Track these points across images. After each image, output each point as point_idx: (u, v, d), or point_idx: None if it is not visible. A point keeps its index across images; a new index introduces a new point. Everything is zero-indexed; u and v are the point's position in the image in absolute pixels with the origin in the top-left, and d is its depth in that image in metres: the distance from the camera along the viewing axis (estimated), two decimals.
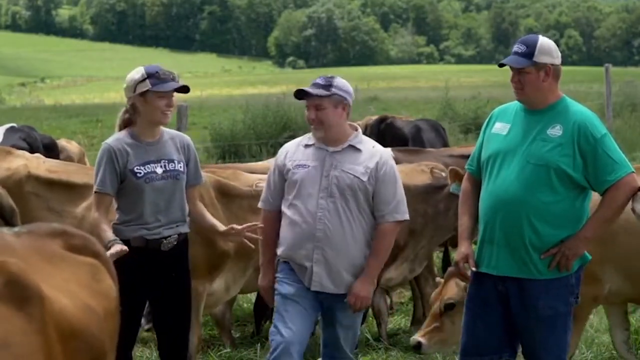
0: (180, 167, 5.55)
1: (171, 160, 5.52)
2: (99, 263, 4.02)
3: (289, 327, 5.27)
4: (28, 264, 3.50)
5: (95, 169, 5.53)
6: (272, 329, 5.36)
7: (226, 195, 6.65)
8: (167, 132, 5.66)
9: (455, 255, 5.44)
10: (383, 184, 5.42)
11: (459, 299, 6.15)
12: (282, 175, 5.46)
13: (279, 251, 5.47)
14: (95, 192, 5.51)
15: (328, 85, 5.38)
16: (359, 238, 5.41)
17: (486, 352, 5.27)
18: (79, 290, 3.72)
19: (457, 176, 7.44)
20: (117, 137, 5.53)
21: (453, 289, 6.24)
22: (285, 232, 5.43)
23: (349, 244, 5.38)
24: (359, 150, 5.46)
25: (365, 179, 5.38)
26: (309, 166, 5.40)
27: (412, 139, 12.95)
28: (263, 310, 8.08)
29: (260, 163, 10.20)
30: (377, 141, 5.68)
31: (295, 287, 5.38)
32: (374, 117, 14.72)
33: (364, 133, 5.80)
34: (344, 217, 5.36)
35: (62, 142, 11.84)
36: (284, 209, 5.45)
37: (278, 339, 5.26)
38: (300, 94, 5.42)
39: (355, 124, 5.59)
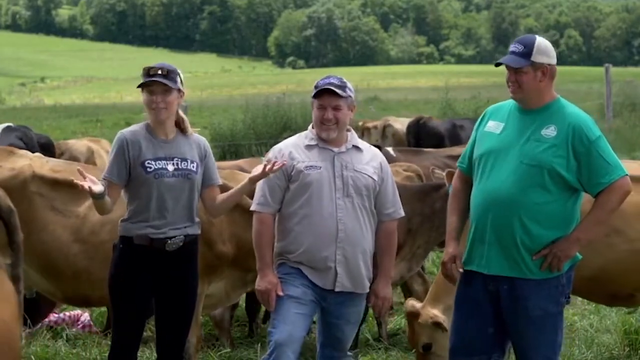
0: (193, 167, 5.50)
1: (184, 159, 5.49)
2: None
3: (288, 328, 5.27)
4: None
5: (108, 158, 5.57)
6: (271, 328, 5.35)
7: None
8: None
9: (443, 255, 5.43)
10: (387, 183, 5.52)
11: (431, 335, 6.31)
12: (286, 177, 5.41)
13: (291, 255, 5.41)
14: (102, 178, 5.45)
15: (343, 87, 5.41)
16: (370, 236, 5.48)
17: (475, 352, 5.26)
18: None
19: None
20: (133, 129, 5.53)
21: (420, 330, 6.40)
22: (299, 234, 5.37)
23: (364, 242, 5.44)
24: (360, 150, 5.51)
25: (376, 178, 5.46)
26: (320, 167, 5.39)
27: (449, 137, 13.24)
28: (255, 311, 8.07)
29: (228, 162, 10.22)
30: (414, 141, 5.74)
31: (302, 289, 5.37)
32: (402, 119, 15.17)
33: (362, 136, 5.83)
34: (360, 216, 5.41)
35: (86, 142, 11.86)
36: (291, 210, 5.40)
37: (277, 339, 5.26)
38: (320, 94, 5.37)
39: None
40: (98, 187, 5.23)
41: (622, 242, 6.18)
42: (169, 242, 5.43)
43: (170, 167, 5.44)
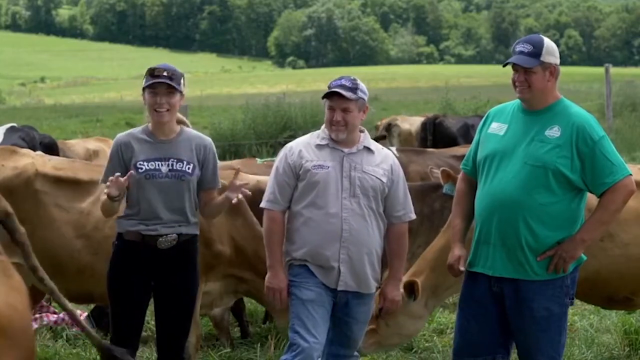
0: (189, 168, 5.50)
1: (180, 160, 5.50)
2: (4, 257, 3.86)
3: (313, 334, 5.29)
4: None
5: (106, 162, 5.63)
6: (292, 334, 5.34)
7: (234, 208, 6.62)
8: (188, 132, 5.64)
9: (449, 257, 5.43)
10: (398, 185, 5.52)
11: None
12: (295, 175, 5.44)
13: (296, 254, 5.44)
14: (101, 182, 5.56)
15: (355, 89, 5.41)
16: (377, 237, 5.48)
17: (479, 353, 5.27)
18: None
19: (449, 177, 7.48)
20: (129, 132, 5.59)
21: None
22: (304, 233, 5.40)
23: (370, 243, 5.44)
24: (372, 151, 5.52)
25: (385, 180, 5.46)
26: (328, 167, 5.41)
27: (461, 136, 13.31)
28: (240, 312, 8.05)
29: (221, 163, 10.19)
30: (431, 138, 5.70)
31: (316, 291, 5.39)
32: (414, 118, 15.28)
33: (376, 138, 5.80)
34: (367, 217, 5.42)
35: (84, 143, 11.82)
36: (297, 209, 5.43)
37: (302, 345, 5.26)
38: (330, 96, 5.39)
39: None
40: (115, 191, 5.30)
41: (615, 247, 6.17)
42: (160, 239, 5.46)
43: (164, 168, 5.46)
